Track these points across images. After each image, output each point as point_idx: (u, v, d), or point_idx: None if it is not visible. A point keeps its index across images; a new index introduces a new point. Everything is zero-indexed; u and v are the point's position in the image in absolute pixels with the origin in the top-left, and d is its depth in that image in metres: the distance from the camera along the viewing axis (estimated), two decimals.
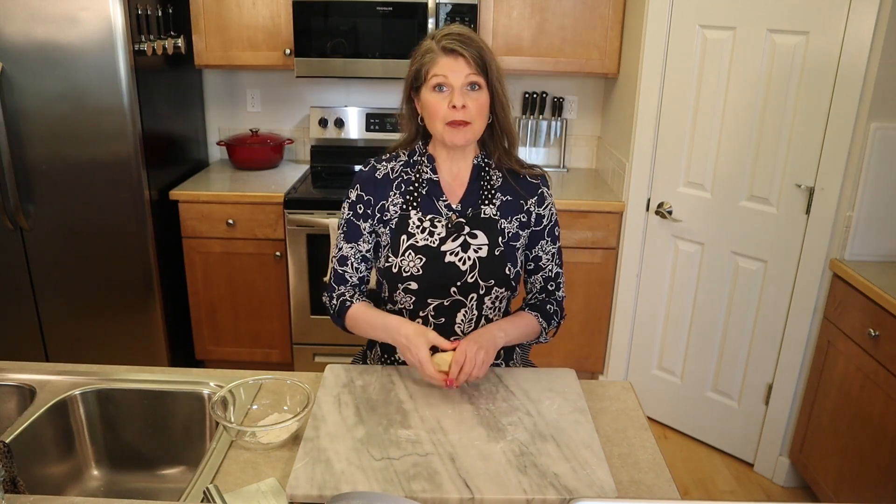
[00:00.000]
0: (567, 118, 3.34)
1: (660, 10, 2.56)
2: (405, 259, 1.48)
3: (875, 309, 2.07)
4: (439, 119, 1.44)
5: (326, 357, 3.03)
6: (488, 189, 1.53)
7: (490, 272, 1.49)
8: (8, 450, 1.17)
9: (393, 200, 1.53)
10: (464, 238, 1.49)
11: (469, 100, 1.42)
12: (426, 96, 1.45)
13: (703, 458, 2.76)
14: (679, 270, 2.75)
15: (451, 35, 1.43)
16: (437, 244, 1.49)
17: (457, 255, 1.48)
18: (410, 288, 1.49)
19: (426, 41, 1.47)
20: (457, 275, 1.48)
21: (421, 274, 1.48)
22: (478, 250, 1.49)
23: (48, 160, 2.61)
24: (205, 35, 2.96)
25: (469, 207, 1.52)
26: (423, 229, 1.49)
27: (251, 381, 1.42)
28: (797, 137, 2.34)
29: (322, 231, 2.82)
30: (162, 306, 2.85)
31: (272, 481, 1.16)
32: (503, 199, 1.54)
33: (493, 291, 1.51)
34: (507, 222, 1.53)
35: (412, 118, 1.54)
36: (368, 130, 3.28)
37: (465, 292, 1.50)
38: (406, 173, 1.55)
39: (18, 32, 2.47)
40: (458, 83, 1.42)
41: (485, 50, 1.43)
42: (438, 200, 1.52)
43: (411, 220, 1.50)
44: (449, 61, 1.42)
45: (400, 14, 2.83)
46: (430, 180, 1.53)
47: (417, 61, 1.47)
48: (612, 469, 1.23)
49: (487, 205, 1.52)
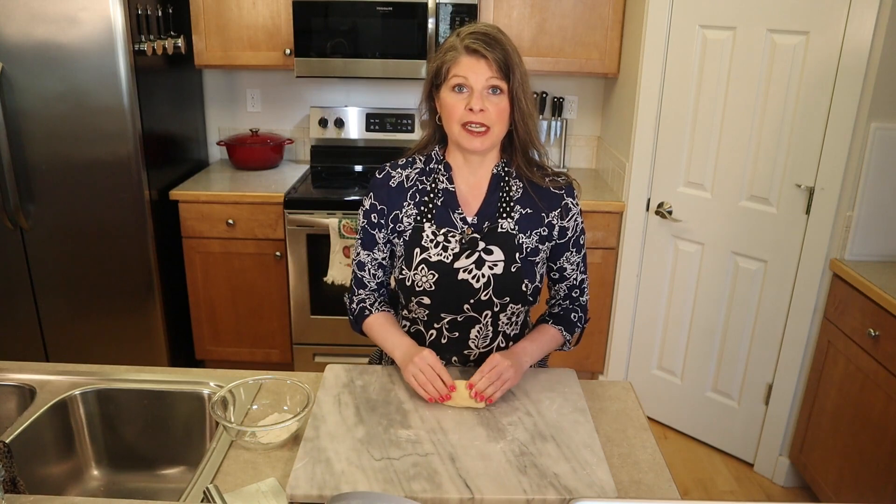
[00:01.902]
0: (567, 118, 3.34)
1: (660, 10, 2.56)
2: (418, 273, 1.43)
3: (875, 309, 2.07)
4: (455, 120, 1.38)
5: (326, 357, 3.03)
6: (507, 201, 1.46)
7: (505, 289, 1.43)
8: (8, 450, 1.17)
9: (407, 211, 1.47)
10: (478, 254, 1.43)
11: (489, 103, 1.36)
12: (445, 95, 1.39)
13: (703, 458, 2.76)
14: (679, 270, 2.75)
15: (477, 34, 1.36)
16: (450, 260, 1.43)
17: (470, 273, 1.42)
18: (423, 302, 1.45)
19: (451, 37, 1.40)
20: (470, 292, 1.43)
21: (433, 290, 1.43)
22: (493, 267, 1.42)
23: (48, 160, 2.61)
24: (205, 35, 2.96)
25: (486, 221, 1.45)
26: (436, 244, 1.43)
27: (251, 381, 1.42)
28: (797, 137, 2.34)
29: (322, 231, 2.82)
30: (162, 306, 2.85)
31: (272, 481, 1.16)
32: (522, 211, 1.46)
33: (508, 308, 1.46)
34: (525, 237, 1.45)
35: (431, 117, 1.48)
36: (368, 130, 3.28)
37: (478, 309, 1.45)
38: (421, 182, 1.48)
39: (18, 32, 2.47)
40: (479, 85, 1.35)
41: (511, 53, 1.36)
42: (454, 213, 1.46)
43: (425, 232, 1.44)
44: (471, 62, 1.35)
45: (400, 14, 2.83)
46: (445, 191, 1.47)
47: (439, 58, 1.40)
48: (612, 469, 1.23)
49: (505, 218, 1.44)
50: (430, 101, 1.46)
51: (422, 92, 1.47)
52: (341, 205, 2.83)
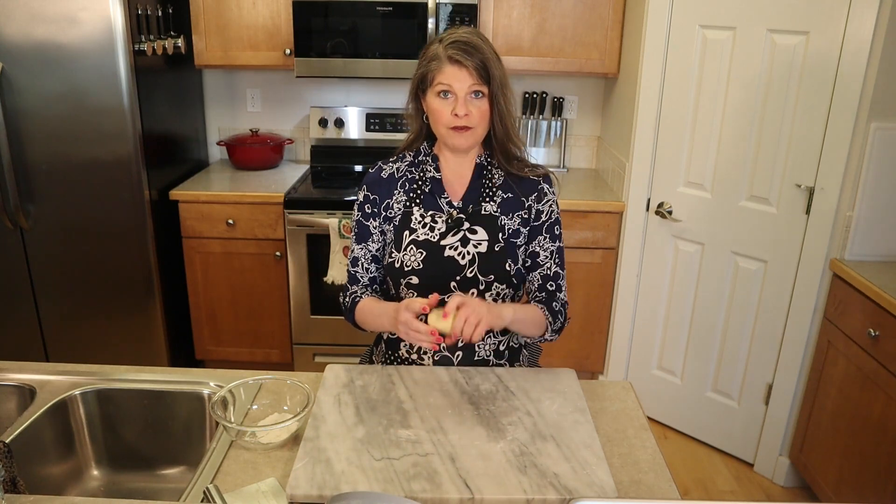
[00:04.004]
0: (567, 118, 3.34)
1: (660, 10, 2.56)
2: (407, 253, 1.53)
3: (875, 309, 2.07)
4: (443, 124, 1.49)
5: (326, 357, 3.03)
6: (489, 187, 1.57)
7: (489, 268, 1.52)
8: (8, 450, 1.17)
9: (397, 199, 1.58)
10: (463, 233, 1.53)
11: (472, 107, 1.47)
12: (431, 101, 1.50)
13: (703, 458, 2.76)
14: (679, 270, 2.75)
15: (458, 44, 1.45)
16: (437, 238, 1.53)
17: (456, 250, 1.52)
18: (412, 282, 1.53)
19: (434, 44, 1.50)
20: (456, 269, 1.52)
21: (421, 268, 1.52)
22: (477, 245, 1.52)
23: (48, 160, 2.61)
24: (205, 35, 2.96)
25: (470, 204, 1.56)
26: (424, 224, 1.54)
27: (251, 381, 1.42)
28: (797, 137, 2.34)
29: (322, 231, 2.82)
30: (162, 306, 2.85)
31: (272, 481, 1.16)
32: (504, 196, 1.57)
33: (493, 287, 1.53)
34: (507, 219, 1.55)
35: (417, 116, 1.60)
36: (368, 130, 3.28)
37: (465, 287, 1.52)
38: (410, 173, 1.61)
39: (18, 32, 2.47)
40: (462, 92, 1.46)
41: (489, 59, 1.46)
42: (440, 197, 1.57)
43: (414, 216, 1.55)
44: (454, 70, 1.45)
45: (400, 14, 2.83)
46: (433, 178, 1.58)
47: (424, 66, 1.50)
48: (612, 469, 1.23)
49: (488, 202, 1.55)
50: (417, 101, 1.58)
51: (408, 92, 1.59)
52: (341, 205, 2.83)
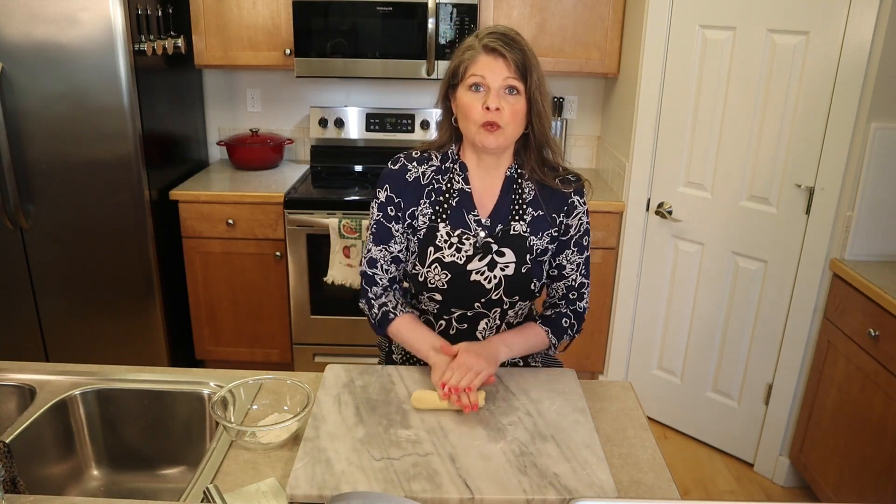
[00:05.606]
0: (567, 118, 3.34)
1: (660, 10, 2.56)
2: (431, 271, 1.46)
3: (875, 309, 2.07)
4: (472, 120, 1.39)
5: (326, 357, 3.03)
6: (519, 203, 1.48)
7: (515, 289, 1.47)
8: (8, 450, 1.17)
9: (423, 209, 1.49)
10: (491, 257, 1.46)
11: (505, 103, 1.37)
12: (462, 95, 1.41)
13: (703, 458, 2.76)
14: (679, 270, 2.75)
15: (496, 34, 1.38)
16: (463, 262, 1.45)
17: (482, 275, 1.45)
18: (435, 298, 1.49)
19: (469, 38, 1.42)
20: (481, 292, 1.47)
21: (445, 288, 1.47)
22: (504, 268, 1.46)
23: (48, 160, 2.61)
24: (205, 35, 2.96)
25: (499, 223, 1.48)
26: (450, 244, 1.46)
27: (251, 381, 1.42)
28: (797, 137, 2.34)
29: (322, 231, 2.82)
30: (162, 306, 2.85)
31: (272, 481, 1.16)
32: (534, 214, 1.49)
33: (517, 305, 1.51)
34: (536, 238, 1.49)
35: (446, 119, 1.50)
36: (368, 130, 3.28)
37: (488, 307, 1.49)
38: (437, 181, 1.49)
39: (18, 32, 2.47)
40: (496, 85, 1.37)
41: (528, 55, 1.38)
42: (468, 214, 1.48)
43: (439, 232, 1.47)
44: (489, 60, 1.37)
45: (400, 14, 2.83)
46: (461, 191, 1.49)
47: (458, 58, 1.41)
48: (612, 469, 1.23)
49: (518, 220, 1.48)
50: (447, 101, 1.48)
51: (438, 93, 1.48)
52: (341, 205, 2.83)
